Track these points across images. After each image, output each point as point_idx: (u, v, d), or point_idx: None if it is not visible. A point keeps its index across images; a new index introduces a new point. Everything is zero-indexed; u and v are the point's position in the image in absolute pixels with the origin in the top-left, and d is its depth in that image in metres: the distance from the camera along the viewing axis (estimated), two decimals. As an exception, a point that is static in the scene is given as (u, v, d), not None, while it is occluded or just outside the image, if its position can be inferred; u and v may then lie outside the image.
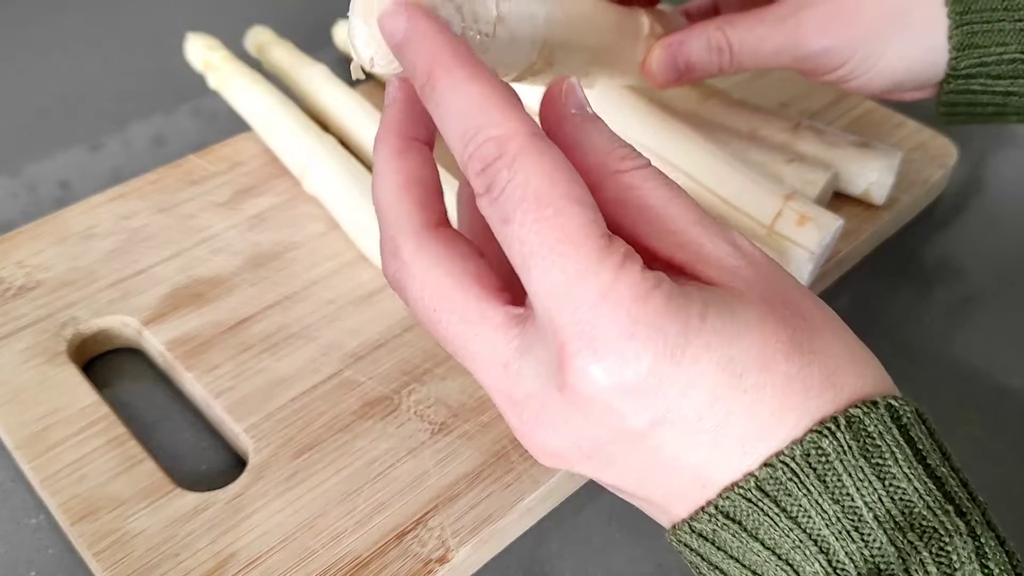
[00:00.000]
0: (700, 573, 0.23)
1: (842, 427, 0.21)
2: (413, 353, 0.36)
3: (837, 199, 0.43)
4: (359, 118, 0.44)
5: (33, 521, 0.32)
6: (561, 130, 0.23)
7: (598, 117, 0.24)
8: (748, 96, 0.46)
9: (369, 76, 0.46)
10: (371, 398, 0.34)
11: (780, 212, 0.38)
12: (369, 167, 0.42)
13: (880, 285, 0.43)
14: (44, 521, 0.32)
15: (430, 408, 0.34)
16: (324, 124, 0.45)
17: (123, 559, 0.29)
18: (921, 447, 0.22)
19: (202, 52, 0.46)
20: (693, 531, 0.22)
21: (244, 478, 0.32)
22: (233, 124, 0.47)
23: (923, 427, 0.22)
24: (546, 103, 0.24)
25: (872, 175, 0.42)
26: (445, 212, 0.24)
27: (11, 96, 0.52)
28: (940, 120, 0.37)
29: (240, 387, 0.34)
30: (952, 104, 0.36)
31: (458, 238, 0.24)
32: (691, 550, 0.23)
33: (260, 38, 0.49)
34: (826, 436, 0.21)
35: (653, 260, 0.23)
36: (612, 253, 0.20)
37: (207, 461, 0.34)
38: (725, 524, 0.22)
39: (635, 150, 0.23)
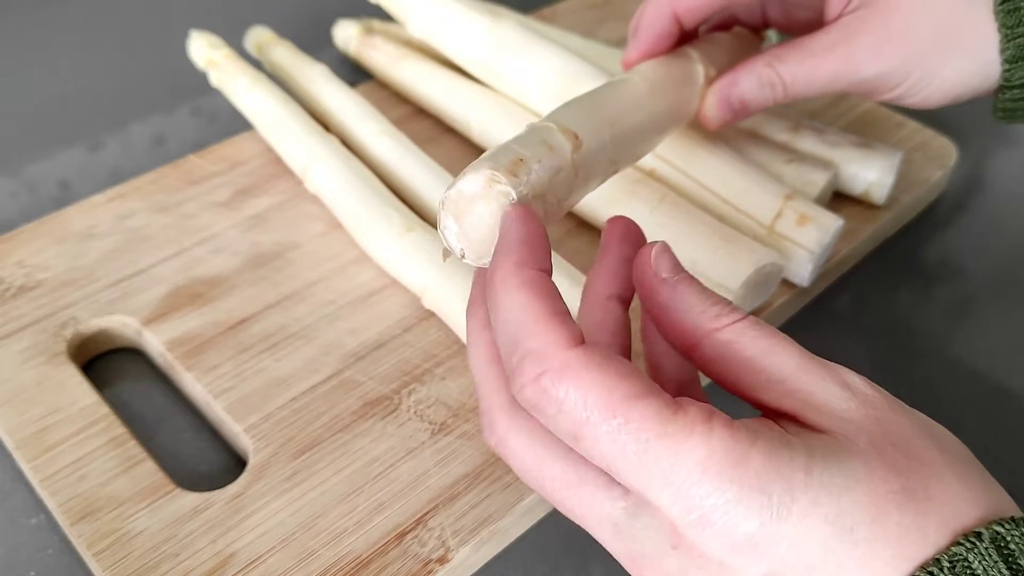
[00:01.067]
0: None
1: (944, 569, 0.21)
2: (413, 353, 0.36)
3: (837, 199, 0.43)
4: (360, 118, 0.44)
5: (33, 521, 0.32)
6: (655, 295, 0.24)
7: (691, 278, 0.24)
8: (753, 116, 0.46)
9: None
10: (371, 398, 0.34)
11: (780, 212, 0.38)
12: (369, 167, 0.42)
13: (880, 285, 0.43)
14: (44, 521, 0.32)
15: (430, 408, 0.34)
16: (324, 124, 0.45)
17: (123, 559, 0.29)
18: None
19: (205, 50, 0.46)
20: None
21: (244, 478, 0.32)
22: (233, 124, 0.47)
23: None
24: (638, 268, 0.24)
25: (872, 175, 0.42)
26: None
27: (11, 96, 0.52)
28: (996, 120, 0.37)
29: (240, 387, 0.34)
30: (1009, 110, 0.36)
31: None
32: None
33: (260, 38, 0.49)
34: None
35: (762, 411, 0.23)
36: (694, 423, 0.20)
37: (207, 461, 0.34)
38: None
39: (730, 304, 0.23)
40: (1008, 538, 0.21)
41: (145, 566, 0.29)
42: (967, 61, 0.34)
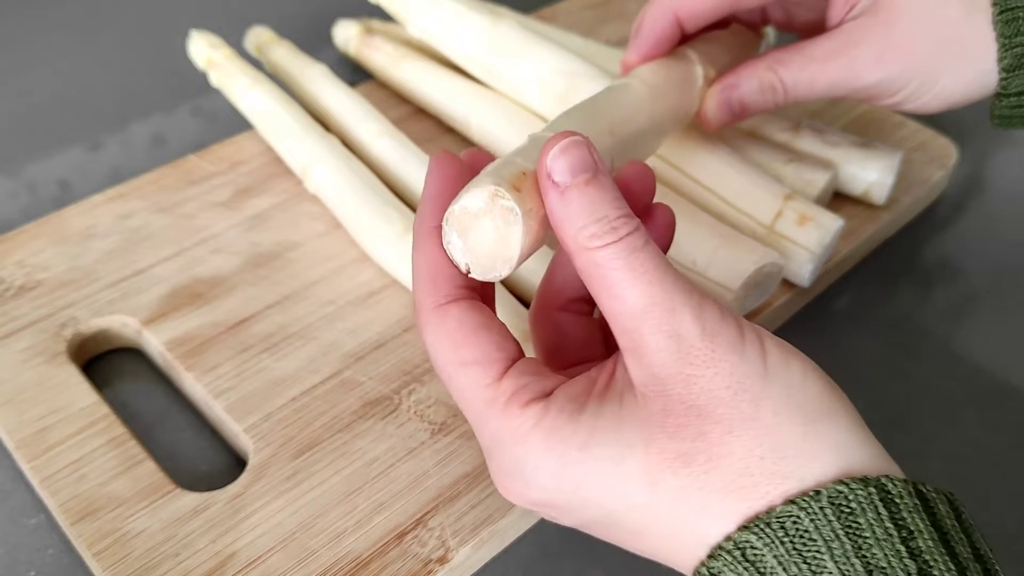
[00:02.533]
0: None
1: (772, 525, 0.22)
2: (413, 353, 0.36)
3: (837, 199, 0.43)
4: (360, 118, 0.44)
5: (33, 521, 0.32)
6: (544, 197, 0.24)
7: (585, 185, 0.23)
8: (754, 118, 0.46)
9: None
10: (371, 398, 0.34)
11: (780, 212, 0.38)
12: (369, 167, 0.42)
13: (880, 285, 0.43)
14: (44, 521, 0.32)
15: (430, 408, 0.34)
16: (324, 124, 0.45)
17: (123, 559, 0.29)
18: (866, 536, 0.21)
19: (205, 50, 0.46)
20: None
21: (244, 478, 0.32)
22: (233, 124, 0.47)
23: (884, 509, 0.21)
24: (538, 163, 0.24)
25: (872, 175, 0.42)
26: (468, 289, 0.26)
27: (11, 95, 0.52)
28: (993, 126, 0.37)
29: (240, 387, 0.34)
30: (1006, 117, 0.36)
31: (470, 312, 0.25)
32: None
33: (260, 38, 0.49)
34: (720, 558, 0.22)
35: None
36: (496, 400, 0.24)
37: (207, 461, 0.34)
38: None
39: (617, 220, 0.23)
40: (851, 496, 0.21)
41: (145, 566, 0.29)
42: (966, 69, 0.35)
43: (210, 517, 0.31)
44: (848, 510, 0.21)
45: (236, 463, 0.34)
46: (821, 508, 0.21)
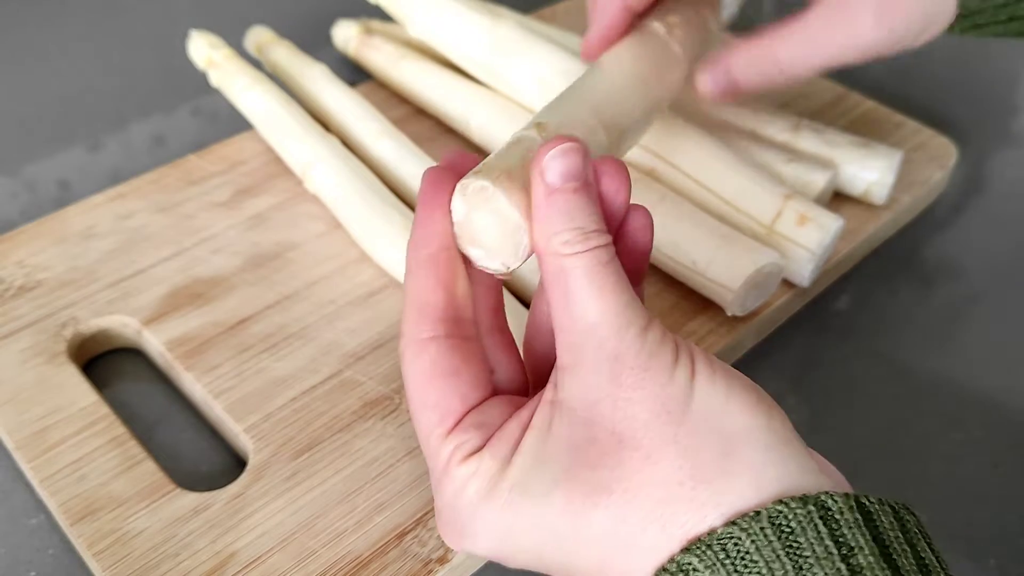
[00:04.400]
0: None
1: (713, 548, 0.21)
2: (413, 353, 0.36)
3: (837, 199, 0.43)
4: (360, 118, 0.44)
5: (33, 521, 0.32)
6: (533, 192, 0.24)
7: (574, 193, 0.23)
8: (747, 96, 0.46)
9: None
10: (371, 398, 0.34)
11: (780, 212, 0.38)
12: (369, 167, 0.42)
13: (880, 285, 0.43)
14: (44, 521, 0.32)
15: (430, 408, 0.34)
16: (324, 124, 0.45)
17: (123, 559, 0.29)
18: (806, 555, 0.21)
19: (205, 50, 0.46)
20: None
21: (244, 478, 0.32)
22: (233, 124, 0.47)
23: (823, 527, 0.21)
24: (532, 161, 0.24)
25: (872, 175, 0.42)
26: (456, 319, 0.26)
27: (10, 95, 0.52)
28: (952, 31, 0.36)
29: (240, 387, 0.34)
30: (965, 30, 0.36)
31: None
32: None
33: (260, 38, 0.49)
34: (695, 555, 0.21)
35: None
36: (439, 454, 0.25)
37: (207, 461, 0.34)
38: None
39: (591, 235, 0.23)
40: (790, 516, 0.21)
41: (145, 566, 0.29)
42: (948, 10, 0.35)
43: (210, 517, 0.31)
44: (788, 529, 0.21)
45: (236, 463, 0.34)
46: (762, 528, 0.21)
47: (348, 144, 0.43)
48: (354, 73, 0.51)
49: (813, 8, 0.35)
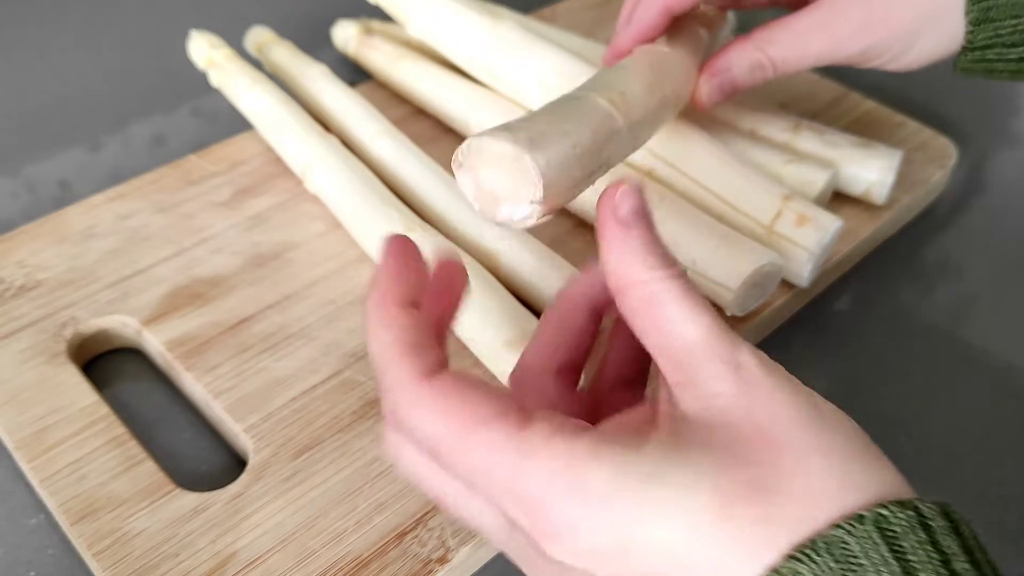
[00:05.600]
0: None
1: (820, 552, 0.21)
2: (413, 353, 0.36)
3: (837, 199, 0.43)
4: (359, 118, 0.44)
5: (33, 521, 0.32)
6: (605, 229, 0.24)
7: (646, 228, 0.24)
8: (748, 96, 0.46)
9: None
10: (371, 398, 0.34)
11: (779, 212, 0.38)
12: (369, 167, 0.42)
13: (880, 285, 0.43)
14: (44, 521, 0.32)
15: (430, 408, 0.34)
16: (324, 124, 0.45)
17: (123, 559, 0.29)
18: (911, 559, 0.21)
19: (205, 50, 0.46)
20: None
21: (244, 478, 0.32)
22: (233, 124, 0.47)
23: (923, 532, 0.21)
24: (602, 201, 0.24)
25: (872, 175, 0.42)
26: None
27: (11, 96, 0.52)
28: (955, 73, 0.39)
29: (240, 387, 0.34)
30: (968, 70, 0.38)
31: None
32: None
33: (260, 38, 0.49)
34: (803, 562, 0.21)
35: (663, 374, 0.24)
36: (535, 443, 0.22)
37: (207, 461, 0.34)
38: None
39: (671, 265, 0.23)
40: (892, 520, 0.21)
41: (145, 566, 0.29)
42: (944, 28, 0.37)
43: (210, 517, 0.31)
44: (892, 533, 0.21)
45: (236, 463, 0.34)
46: (867, 532, 0.21)
47: (348, 144, 0.43)
48: (354, 73, 0.51)
49: (805, 10, 0.37)
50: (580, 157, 0.28)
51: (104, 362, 0.37)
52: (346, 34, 0.50)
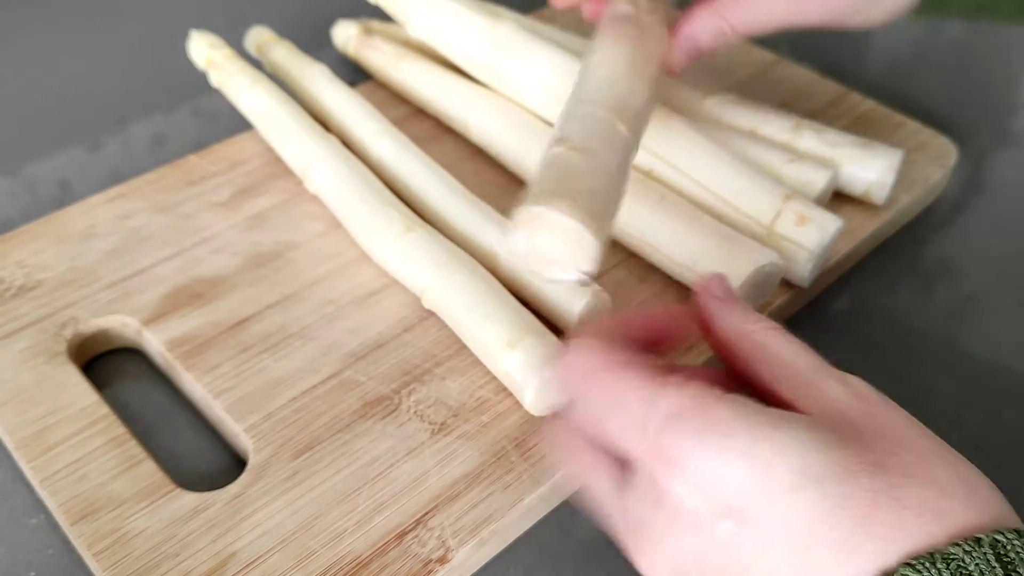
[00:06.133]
0: None
1: (938, 564, 0.21)
2: (413, 353, 0.36)
3: (837, 199, 0.43)
4: (360, 118, 0.44)
5: (33, 521, 0.32)
6: (707, 307, 0.28)
7: (737, 299, 0.28)
8: (748, 96, 0.46)
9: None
10: (371, 398, 0.34)
11: (779, 212, 0.38)
12: (369, 167, 0.42)
13: (880, 285, 0.43)
14: (44, 521, 0.32)
15: (430, 408, 0.34)
16: (324, 124, 0.45)
17: (123, 559, 0.29)
18: None
19: (205, 50, 0.46)
20: None
21: (244, 478, 0.32)
22: (233, 124, 0.47)
23: None
24: (698, 287, 0.29)
25: (872, 175, 0.42)
26: None
27: (11, 96, 0.52)
28: (918, 14, 0.38)
29: (240, 387, 0.34)
30: (926, 12, 0.38)
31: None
32: None
33: (260, 38, 0.49)
34: (920, 573, 0.21)
35: (778, 402, 0.26)
36: (669, 382, 0.24)
37: (207, 461, 0.34)
38: None
39: (764, 319, 0.28)
40: (1008, 547, 0.21)
41: (145, 566, 0.29)
42: None
43: (210, 517, 0.31)
44: (1008, 559, 0.21)
45: (236, 463, 0.34)
46: (984, 555, 0.21)
47: (348, 144, 0.43)
48: (354, 73, 0.51)
49: None
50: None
51: (104, 362, 0.37)
52: (346, 34, 0.50)
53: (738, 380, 0.27)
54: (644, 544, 0.24)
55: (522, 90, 0.43)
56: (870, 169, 0.42)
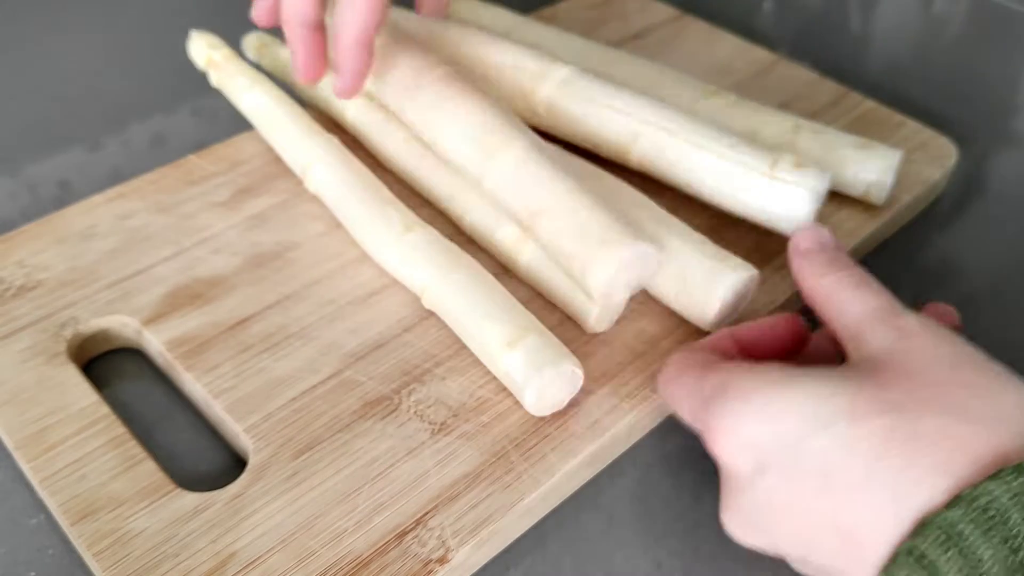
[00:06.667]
0: None
1: (973, 500, 0.22)
2: (413, 353, 0.36)
3: (836, 199, 0.43)
4: (360, 116, 0.44)
5: (33, 521, 0.32)
6: (794, 264, 0.33)
7: (823, 250, 0.33)
8: (748, 96, 0.46)
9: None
10: (371, 398, 0.34)
11: (776, 162, 0.37)
12: (370, 167, 0.42)
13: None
14: (44, 521, 0.32)
15: (430, 408, 0.34)
16: (334, 119, 0.45)
17: (123, 559, 0.29)
18: None
19: (204, 50, 0.46)
20: None
21: (244, 478, 0.32)
22: (233, 124, 0.47)
23: None
24: (793, 241, 0.34)
25: (872, 175, 0.42)
26: None
27: (11, 96, 0.52)
28: None
29: (240, 387, 0.34)
30: None
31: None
32: None
33: (260, 39, 0.49)
34: (960, 508, 0.22)
35: (834, 341, 0.30)
36: (715, 367, 0.29)
37: (207, 461, 0.34)
38: None
39: (841, 266, 0.31)
40: None
41: (145, 566, 0.29)
42: None
43: (210, 517, 0.31)
44: None
45: (236, 463, 0.34)
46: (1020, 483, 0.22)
47: (360, 136, 0.43)
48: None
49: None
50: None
51: (104, 362, 0.37)
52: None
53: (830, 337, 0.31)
54: (723, 506, 0.28)
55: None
56: (869, 169, 0.42)
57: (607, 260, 0.33)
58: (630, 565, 0.32)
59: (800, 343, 0.33)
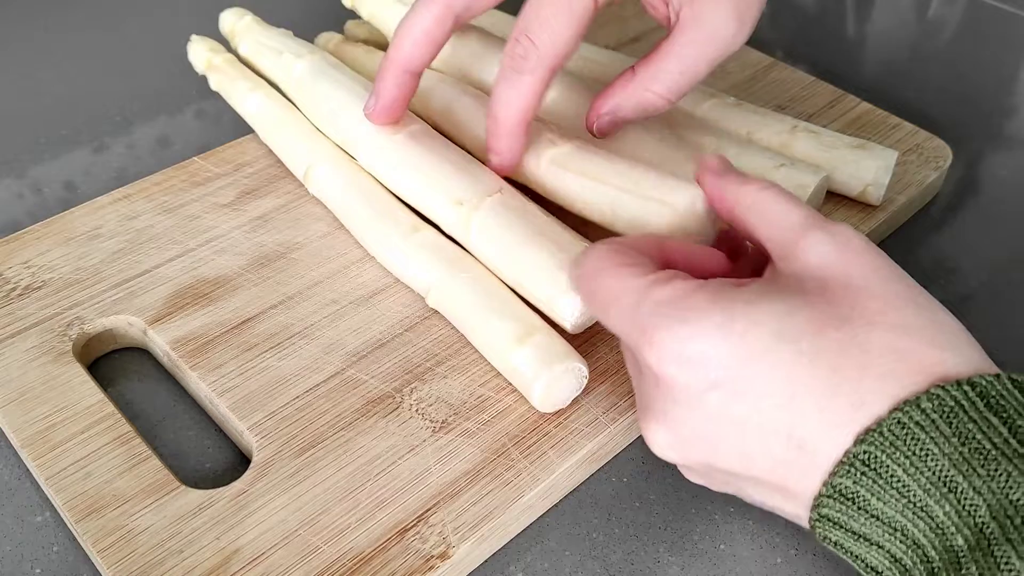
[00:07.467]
0: (843, 549, 0.25)
1: (926, 410, 0.23)
2: (415, 352, 0.36)
3: (833, 199, 0.43)
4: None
5: (38, 518, 0.33)
6: (706, 178, 0.32)
7: (735, 170, 0.32)
8: (745, 98, 0.47)
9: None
10: (373, 396, 0.35)
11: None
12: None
13: (876, 285, 0.43)
14: (49, 518, 0.33)
15: (431, 406, 0.34)
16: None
17: (128, 556, 0.30)
18: (1019, 423, 0.23)
19: (205, 54, 0.46)
20: (822, 510, 0.25)
21: (248, 475, 0.32)
22: (237, 126, 0.47)
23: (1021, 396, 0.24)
24: (701, 171, 0.32)
25: (868, 176, 0.42)
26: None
27: (17, 98, 0.52)
28: None
29: (244, 386, 0.35)
30: None
31: None
32: (831, 524, 0.25)
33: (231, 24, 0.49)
34: (907, 412, 0.23)
35: (764, 251, 0.29)
36: (657, 279, 0.27)
37: (211, 459, 0.35)
38: (840, 501, 0.24)
39: (758, 180, 0.30)
40: (990, 389, 0.24)
41: (150, 563, 0.29)
42: None
43: (214, 514, 0.31)
44: (994, 399, 0.23)
45: (240, 461, 0.34)
46: (965, 393, 0.23)
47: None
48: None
49: (673, 35, 0.36)
50: None
51: (109, 361, 0.38)
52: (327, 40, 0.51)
53: (753, 257, 0.31)
54: (649, 420, 0.28)
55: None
56: (866, 170, 0.42)
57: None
58: (629, 561, 0.32)
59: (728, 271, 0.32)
